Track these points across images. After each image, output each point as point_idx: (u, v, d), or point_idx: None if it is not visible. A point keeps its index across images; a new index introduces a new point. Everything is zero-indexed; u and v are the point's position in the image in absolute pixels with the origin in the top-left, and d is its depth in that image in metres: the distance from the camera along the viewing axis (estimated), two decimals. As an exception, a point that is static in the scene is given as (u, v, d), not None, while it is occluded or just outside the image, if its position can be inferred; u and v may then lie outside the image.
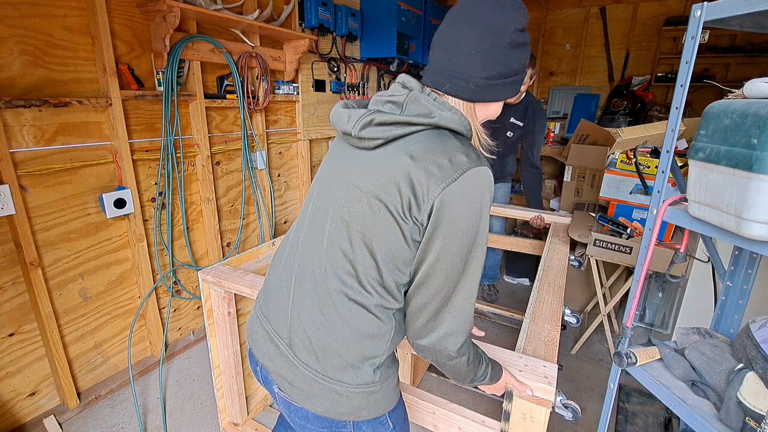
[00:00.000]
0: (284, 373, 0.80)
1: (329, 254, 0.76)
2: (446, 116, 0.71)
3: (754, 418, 0.90)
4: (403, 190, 0.69)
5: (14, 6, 1.50)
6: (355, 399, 0.76)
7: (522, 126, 2.31)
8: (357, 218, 0.73)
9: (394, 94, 0.76)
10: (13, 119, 1.54)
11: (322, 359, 0.75)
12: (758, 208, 0.81)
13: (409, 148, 0.70)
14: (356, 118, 0.73)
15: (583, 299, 2.78)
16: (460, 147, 0.71)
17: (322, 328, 0.75)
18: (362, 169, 0.74)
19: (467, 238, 0.69)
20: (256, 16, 2.23)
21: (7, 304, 1.64)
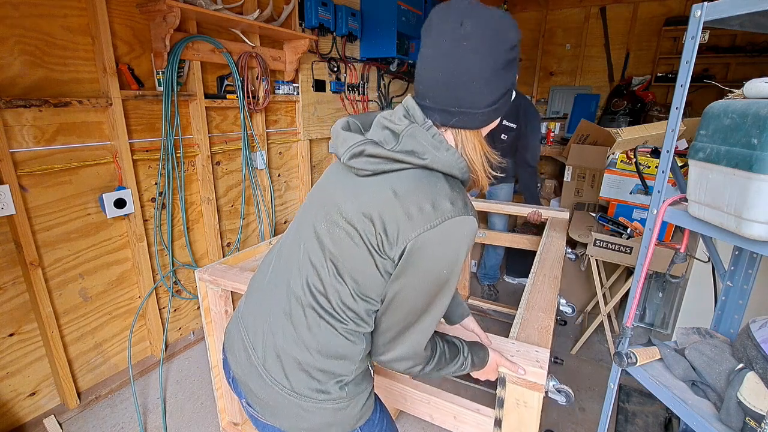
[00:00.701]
0: (252, 386, 0.79)
1: (303, 267, 0.76)
2: (440, 158, 0.69)
3: (755, 418, 0.90)
4: (377, 225, 0.68)
5: (14, 6, 1.50)
6: (320, 415, 0.75)
7: (515, 128, 2.31)
8: (331, 240, 0.73)
9: (395, 122, 0.72)
10: (13, 119, 1.54)
11: (288, 373, 0.75)
12: (758, 208, 0.81)
13: (395, 183, 0.69)
14: (348, 146, 0.71)
15: (583, 299, 2.78)
16: (448, 192, 0.68)
17: (290, 340, 0.75)
18: (348, 192, 0.73)
19: (435, 284, 0.69)
20: (256, 16, 2.23)
21: (8, 304, 1.64)
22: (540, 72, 4.50)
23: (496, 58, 0.67)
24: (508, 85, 0.72)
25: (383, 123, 0.73)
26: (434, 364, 0.79)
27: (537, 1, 4.31)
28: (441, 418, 1.11)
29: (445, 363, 0.81)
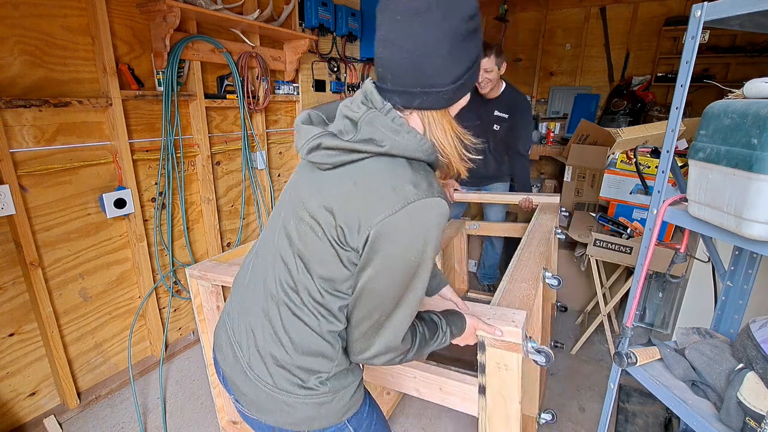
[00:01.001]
0: (238, 383, 0.79)
1: (276, 265, 0.76)
2: (400, 143, 0.66)
3: (755, 418, 0.90)
4: (338, 217, 0.67)
5: (14, 6, 1.50)
6: (304, 410, 0.75)
7: (507, 118, 2.32)
8: (298, 236, 0.72)
9: (353, 109, 0.69)
10: (13, 119, 1.54)
11: (270, 370, 0.75)
12: (758, 208, 0.81)
13: (355, 173, 0.67)
14: (305, 140, 0.69)
15: (583, 299, 2.78)
16: (409, 175, 0.66)
17: (268, 338, 0.75)
18: (313, 187, 0.72)
19: (405, 272, 0.66)
20: (256, 16, 2.23)
21: (8, 304, 1.64)
22: (540, 72, 4.50)
23: (454, 31, 0.63)
24: (472, 57, 0.68)
25: (343, 112, 0.70)
26: (415, 349, 0.78)
27: (537, 1, 4.31)
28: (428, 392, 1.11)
29: (426, 343, 0.80)
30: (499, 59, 2.15)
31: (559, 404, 2.00)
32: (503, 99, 2.30)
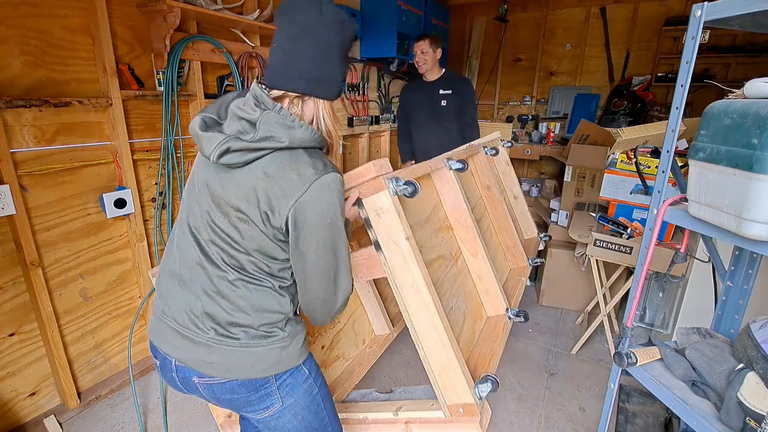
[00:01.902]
0: (203, 357, 0.88)
1: (215, 254, 0.87)
2: (297, 136, 0.81)
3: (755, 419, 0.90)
4: (261, 204, 0.80)
5: (15, 6, 1.50)
6: (270, 356, 0.89)
7: (451, 93, 2.68)
8: (229, 227, 0.84)
9: (248, 112, 0.81)
10: (13, 119, 1.54)
11: (236, 333, 0.87)
12: (758, 208, 0.81)
13: (264, 166, 0.81)
14: (213, 145, 0.79)
15: (583, 299, 2.78)
16: (308, 160, 0.81)
17: (230, 311, 0.87)
18: (228, 184, 0.83)
19: (329, 236, 0.84)
20: (257, 16, 2.23)
21: (8, 304, 1.64)
22: (540, 72, 4.49)
23: (345, 42, 0.84)
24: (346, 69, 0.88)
25: (238, 114, 0.82)
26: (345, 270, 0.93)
27: (537, 1, 4.31)
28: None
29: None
30: (434, 45, 2.59)
31: (559, 404, 2.00)
32: (444, 79, 2.72)
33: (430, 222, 1.30)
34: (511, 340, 2.53)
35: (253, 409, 0.92)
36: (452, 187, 1.37)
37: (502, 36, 4.49)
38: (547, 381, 2.17)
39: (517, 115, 4.58)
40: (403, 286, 1.00)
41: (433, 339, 0.99)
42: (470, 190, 1.67)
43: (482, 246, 1.37)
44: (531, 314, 2.82)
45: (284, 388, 0.92)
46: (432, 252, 1.23)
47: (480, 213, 1.69)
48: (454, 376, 0.98)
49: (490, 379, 1.00)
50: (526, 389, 2.10)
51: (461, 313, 1.25)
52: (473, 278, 1.39)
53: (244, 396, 0.90)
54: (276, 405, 0.92)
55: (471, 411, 0.97)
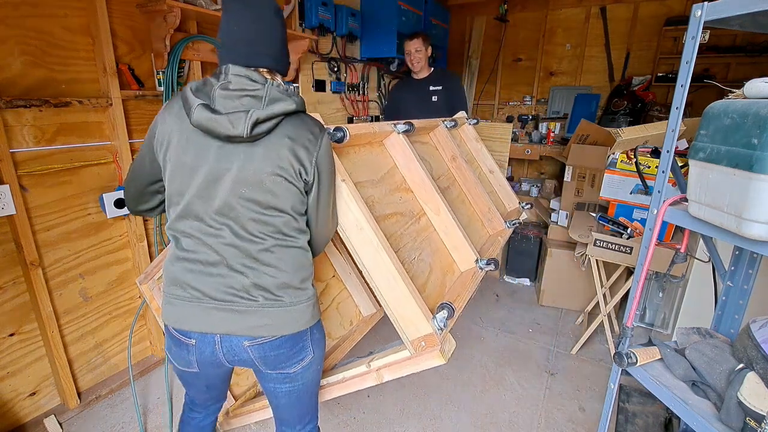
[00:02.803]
0: (253, 323, 0.98)
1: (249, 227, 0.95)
2: (298, 102, 0.94)
3: (755, 419, 0.90)
4: (294, 163, 0.94)
5: (15, 6, 1.50)
6: (308, 311, 1.03)
7: (441, 89, 2.74)
8: (265, 194, 0.94)
9: (247, 88, 0.91)
10: (13, 119, 1.54)
11: (282, 295, 0.99)
12: (758, 208, 0.81)
13: (285, 132, 0.93)
14: (243, 120, 0.87)
15: (583, 299, 2.78)
16: (310, 121, 0.99)
17: (274, 275, 0.98)
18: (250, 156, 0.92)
19: (333, 177, 1.03)
20: (257, 16, 2.23)
21: (8, 304, 1.64)
22: (540, 72, 4.49)
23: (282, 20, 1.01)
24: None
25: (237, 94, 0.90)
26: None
27: (537, 1, 4.31)
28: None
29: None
30: (426, 43, 2.68)
31: (559, 404, 2.00)
32: (434, 76, 2.79)
33: (385, 182, 1.35)
34: (512, 340, 2.53)
35: (293, 362, 1.05)
36: (404, 150, 1.44)
37: (502, 36, 4.49)
38: (547, 381, 2.17)
39: (517, 115, 4.58)
40: (348, 228, 1.07)
41: (383, 275, 1.04)
42: (436, 161, 1.75)
43: (444, 204, 1.41)
44: (531, 314, 2.83)
45: (314, 340, 1.07)
46: (387, 208, 1.29)
47: (449, 182, 1.75)
48: (410, 310, 1.03)
49: (446, 306, 1.04)
50: (526, 389, 2.10)
51: (426, 265, 1.29)
52: (440, 235, 1.44)
53: (287, 350, 1.03)
54: (309, 355, 1.07)
55: (432, 341, 1.01)
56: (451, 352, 1.06)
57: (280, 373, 1.06)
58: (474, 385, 2.12)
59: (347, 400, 2.00)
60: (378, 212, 1.21)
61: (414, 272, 1.20)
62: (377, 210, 1.22)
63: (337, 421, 1.88)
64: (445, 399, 2.03)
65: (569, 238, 2.57)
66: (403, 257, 1.19)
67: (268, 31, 0.97)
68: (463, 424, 1.88)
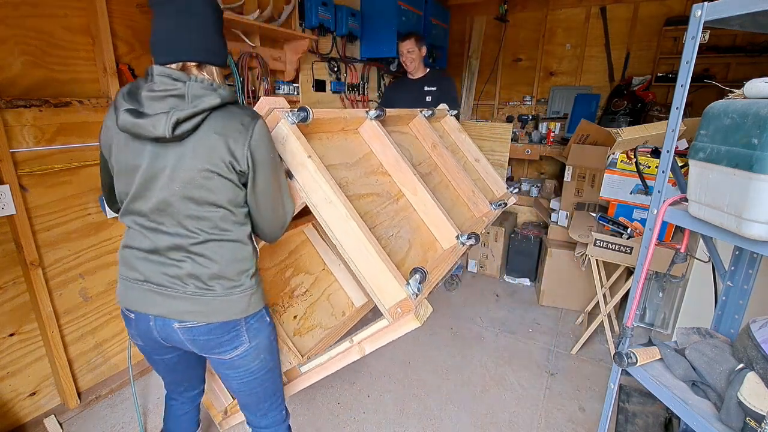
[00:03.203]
0: (183, 308, 1.03)
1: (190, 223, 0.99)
2: (224, 95, 0.94)
3: (755, 419, 0.90)
4: (225, 156, 0.94)
5: (15, 6, 1.50)
6: (242, 302, 1.06)
7: (435, 90, 2.77)
8: (199, 191, 0.96)
9: (169, 88, 0.92)
10: (13, 119, 1.54)
11: (213, 285, 1.02)
12: (758, 208, 0.81)
13: (212, 127, 0.94)
14: (162, 122, 0.89)
15: (583, 299, 2.78)
16: (239, 111, 0.97)
17: (207, 266, 1.01)
18: (180, 155, 0.94)
19: (273, 167, 1.01)
20: (257, 16, 2.23)
21: (8, 304, 1.64)
22: (540, 72, 4.49)
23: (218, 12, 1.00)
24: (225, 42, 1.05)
25: (161, 95, 0.92)
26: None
27: (537, 1, 4.31)
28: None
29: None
30: (419, 44, 2.73)
31: (559, 404, 2.00)
32: (429, 77, 2.83)
33: (360, 165, 1.38)
34: (512, 340, 2.53)
35: (225, 349, 1.09)
36: (378, 136, 1.46)
37: (502, 36, 4.49)
38: (547, 381, 2.17)
39: (517, 115, 4.58)
40: (318, 204, 1.08)
41: (355, 245, 1.06)
42: (416, 149, 1.79)
43: (422, 184, 1.44)
44: (531, 314, 2.83)
45: (251, 331, 1.10)
46: (362, 189, 1.32)
47: (431, 168, 1.79)
48: (383, 278, 1.05)
49: (419, 270, 1.05)
50: (526, 389, 2.10)
51: (405, 241, 1.32)
52: (419, 214, 1.47)
53: (218, 337, 1.06)
54: (244, 345, 1.10)
55: (407, 306, 1.03)
56: (427, 316, 1.08)
57: (218, 359, 1.11)
58: (474, 385, 2.12)
59: (347, 399, 2.01)
60: (352, 192, 1.25)
61: (392, 248, 1.24)
62: (351, 190, 1.25)
63: (337, 421, 1.88)
64: (445, 399, 2.03)
65: (569, 238, 2.57)
66: (379, 234, 1.22)
67: (194, 23, 0.95)
68: (463, 424, 1.88)
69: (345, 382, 2.12)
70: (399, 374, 2.20)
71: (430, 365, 2.27)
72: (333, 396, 2.03)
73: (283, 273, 1.77)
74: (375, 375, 2.19)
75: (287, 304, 1.67)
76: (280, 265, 1.78)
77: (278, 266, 1.77)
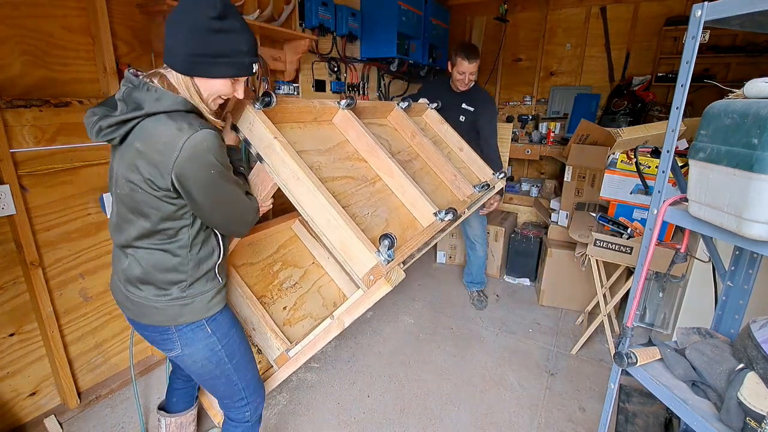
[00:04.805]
0: (125, 304, 1.11)
1: (122, 221, 1.02)
2: (163, 103, 0.91)
3: (755, 419, 0.90)
4: (144, 172, 0.91)
5: (15, 6, 1.50)
6: (170, 310, 1.07)
7: (473, 111, 2.62)
8: (124, 197, 0.98)
9: (123, 91, 0.94)
10: (13, 119, 1.54)
11: (142, 288, 1.06)
12: (758, 208, 0.81)
13: (137, 139, 0.91)
14: (89, 127, 0.93)
15: (583, 299, 2.78)
16: (173, 124, 0.90)
17: (135, 269, 1.04)
18: (117, 159, 0.97)
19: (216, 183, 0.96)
20: (257, 16, 2.23)
21: (8, 304, 1.64)
22: (540, 72, 4.49)
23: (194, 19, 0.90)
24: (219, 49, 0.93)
25: (118, 98, 0.94)
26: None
27: (537, 1, 4.31)
28: None
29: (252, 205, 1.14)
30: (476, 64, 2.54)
31: (559, 404, 2.00)
32: (471, 94, 2.64)
33: (334, 152, 1.43)
34: (512, 340, 2.53)
35: (161, 347, 1.15)
36: (351, 124, 1.51)
37: (502, 36, 4.49)
38: (547, 381, 2.17)
39: (517, 115, 4.58)
40: (287, 181, 1.11)
41: (324, 217, 1.09)
42: (396, 139, 1.84)
43: (397, 167, 1.48)
44: (531, 314, 2.83)
45: (183, 339, 1.11)
46: (336, 172, 1.36)
47: (411, 156, 1.84)
48: (354, 246, 1.07)
49: (387, 236, 1.06)
50: (526, 389, 2.10)
51: (382, 220, 1.35)
52: (397, 196, 1.51)
53: (152, 335, 1.12)
54: (177, 350, 1.12)
55: (378, 272, 1.05)
56: (399, 281, 1.11)
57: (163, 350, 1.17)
58: (474, 385, 2.12)
59: (347, 399, 2.01)
60: (325, 174, 1.29)
61: (367, 225, 1.27)
62: (324, 173, 1.29)
63: (336, 421, 1.88)
64: (445, 399, 2.03)
65: (569, 238, 2.57)
66: (353, 212, 1.26)
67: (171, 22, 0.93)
68: (463, 424, 1.88)
69: (345, 383, 2.12)
70: (399, 374, 2.20)
71: (430, 365, 2.27)
72: (333, 396, 2.03)
73: (271, 267, 1.80)
74: (375, 375, 2.19)
75: (276, 296, 1.71)
76: (268, 259, 1.81)
77: (265, 261, 1.80)
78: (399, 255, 1.13)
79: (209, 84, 0.99)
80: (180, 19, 0.92)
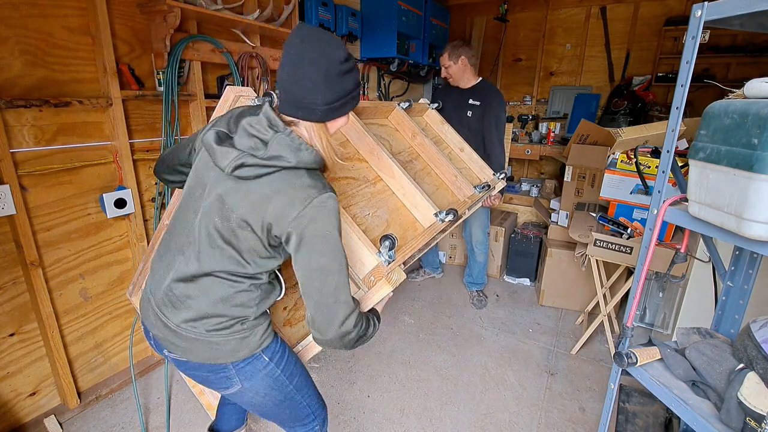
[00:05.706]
0: (171, 339, 1.01)
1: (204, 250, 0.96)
2: (302, 159, 0.90)
3: (755, 419, 0.90)
4: (266, 216, 0.90)
5: (15, 6, 1.50)
6: (228, 346, 1.00)
7: (479, 105, 2.59)
8: (223, 228, 0.93)
9: (261, 132, 0.91)
10: (13, 119, 1.54)
11: (200, 323, 0.98)
12: (758, 208, 0.81)
13: (272, 184, 0.90)
14: (229, 159, 0.89)
15: (583, 299, 2.78)
16: (308, 181, 0.91)
17: (199, 301, 0.97)
18: (234, 192, 0.92)
19: (324, 247, 0.91)
20: (257, 16, 2.23)
21: (8, 304, 1.64)
22: (540, 72, 4.49)
23: (328, 68, 0.88)
24: (344, 90, 0.93)
25: (250, 131, 0.92)
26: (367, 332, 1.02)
27: (537, 1, 4.31)
28: None
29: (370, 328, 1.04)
30: (453, 56, 2.52)
31: (559, 404, 2.00)
32: (477, 89, 2.63)
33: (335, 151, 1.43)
34: (512, 340, 2.53)
35: (215, 386, 1.07)
36: (351, 123, 1.50)
37: (502, 36, 4.49)
38: (547, 381, 2.17)
39: (517, 115, 4.58)
40: None
41: None
42: (396, 140, 1.85)
43: (398, 167, 1.48)
44: (531, 314, 2.83)
45: (243, 374, 1.04)
46: (338, 173, 1.36)
47: (412, 156, 1.85)
48: (354, 247, 1.06)
49: (388, 237, 1.07)
50: (526, 389, 2.10)
51: (382, 221, 1.36)
52: (398, 196, 1.51)
53: (205, 375, 1.04)
54: (236, 386, 1.05)
55: (379, 273, 1.05)
56: (399, 282, 1.10)
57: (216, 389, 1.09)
58: (474, 385, 2.12)
59: (347, 399, 2.01)
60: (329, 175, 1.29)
61: (368, 225, 1.27)
62: None
63: (337, 421, 1.88)
64: (445, 399, 2.03)
65: (569, 238, 2.57)
66: (354, 212, 1.26)
67: (300, 76, 0.88)
68: (463, 424, 1.88)
69: (345, 383, 2.12)
70: (399, 374, 2.20)
71: (430, 365, 2.27)
72: (333, 396, 2.03)
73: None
74: (375, 375, 2.19)
75: (277, 297, 1.74)
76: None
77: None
78: (400, 256, 1.13)
79: (336, 123, 1.00)
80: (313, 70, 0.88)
